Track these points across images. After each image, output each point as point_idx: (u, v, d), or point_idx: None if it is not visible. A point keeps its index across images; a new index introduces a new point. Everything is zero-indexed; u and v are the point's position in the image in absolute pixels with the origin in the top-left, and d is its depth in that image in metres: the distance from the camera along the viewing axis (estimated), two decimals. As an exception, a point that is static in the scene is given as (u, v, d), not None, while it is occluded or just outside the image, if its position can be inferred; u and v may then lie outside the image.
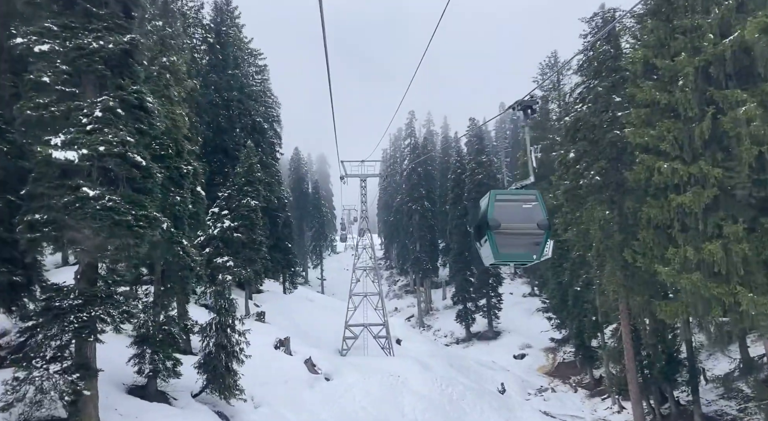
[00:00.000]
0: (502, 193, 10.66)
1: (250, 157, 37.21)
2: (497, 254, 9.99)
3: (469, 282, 62.63)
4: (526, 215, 10.15)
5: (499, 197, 10.39)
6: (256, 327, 32.82)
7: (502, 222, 9.96)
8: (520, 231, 10.09)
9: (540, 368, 47.46)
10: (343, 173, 40.41)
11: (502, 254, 10.03)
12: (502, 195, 10.55)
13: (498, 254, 9.99)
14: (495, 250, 9.96)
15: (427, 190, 75.91)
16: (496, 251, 9.96)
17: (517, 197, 10.50)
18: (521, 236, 10.09)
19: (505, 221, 10.00)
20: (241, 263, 34.80)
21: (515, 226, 10.07)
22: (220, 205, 36.25)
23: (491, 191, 10.56)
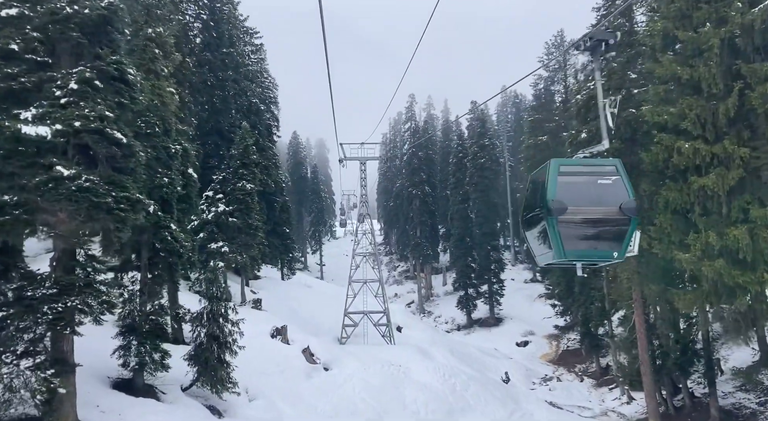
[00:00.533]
0: (568, 163, 7.97)
1: (245, 138, 35.77)
2: (561, 251, 7.40)
3: (471, 268, 61.43)
4: (604, 193, 7.56)
5: (564, 169, 7.73)
6: (253, 315, 31.67)
7: (569, 205, 7.39)
8: (596, 217, 7.54)
9: (543, 356, 46.42)
10: (341, 156, 39.02)
11: (569, 251, 7.43)
12: (569, 166, 7.86)
13: (562, 250, 7.40)
14: (559, 245, 7.38)
15: (428, 174, 74.46)
16: (560, 247, 7.38)
17: (590, 169, 7.82)
18: (597, 224, 7.56)
19: (574, 203, 7.43)
20: (237, 249, 33.56)
21: (588, 210, 7.51)
22: (214, 189, 34.90)
23: (552, 161, 7.87)
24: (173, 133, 20.93)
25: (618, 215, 7.45)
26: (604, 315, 35.97)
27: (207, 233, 33.12)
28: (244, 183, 34.57)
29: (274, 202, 47.34)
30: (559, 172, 7.65)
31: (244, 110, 44.99)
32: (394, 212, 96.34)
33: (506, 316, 59.97)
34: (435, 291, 77.18)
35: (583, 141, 24.68)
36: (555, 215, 7.32)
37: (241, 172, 34.92)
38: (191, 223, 33.57)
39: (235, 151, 35.56)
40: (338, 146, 38.30)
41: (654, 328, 25.76)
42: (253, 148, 36.42)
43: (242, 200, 34.17)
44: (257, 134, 45.63)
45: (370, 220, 39.42)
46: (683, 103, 19.81)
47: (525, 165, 48.29)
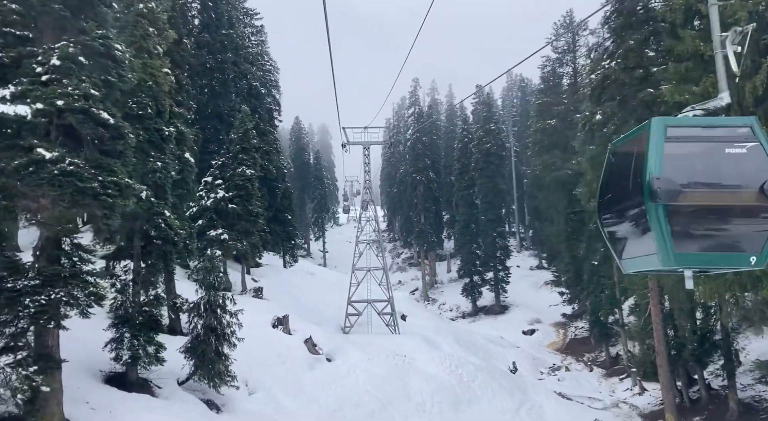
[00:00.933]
0: (678, 123, 5.52)
1: (245, 122, 34.68)
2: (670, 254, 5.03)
3: (476, 255, 60.52)
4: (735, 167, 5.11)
5: (673, 132, 5.24)
6: (254, 304, 30.82)
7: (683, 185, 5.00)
8: (724, 203, 5.10)
9: (551, 345, 45.60)
10: (344, 141, 37.91)
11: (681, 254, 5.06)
12: (680, 127, 5.37)
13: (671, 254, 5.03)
14: (667, 246, 5.00)
15: (432, 160, 73.32)
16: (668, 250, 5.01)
17: (712, 132, 5.29)
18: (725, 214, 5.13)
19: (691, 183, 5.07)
20: (237, 236, 32.62)
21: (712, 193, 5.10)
22: (213, 175, 33.89)
23: (654, 120, 5.37)
24: (167, 115, 19.88)
25: (758, 199, 4.95)
26: (614, 303, 35.05)
27: (206, 220, 32.17)
28: (243, 168, 33.55)
29: (276, 189, 46.31)
30: (665, 136, 5.17)
31: (245, 94, 43.85)
32: (397, 199, 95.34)
33: (512, 303, 59.12)
34: (439, 278, 76.38)
35: (598, 123, 23.55)
36: (663, 201, 4.92)
37: (240, 158, 33.90)
38: (190, 209, 32.66)
39: (235, 136, 34.50)
40: (341, 131, 37.19)
41: (671, 318, 24.77)
42: (253, 133, 35.35)
43: (242, 186, 33.18)
44: (258, 119, 44.54)
45: (374, 206, 38.40)
46: (706, 82, 18.62)
47: (532, 149, 47.16)
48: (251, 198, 33.57)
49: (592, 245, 37.22)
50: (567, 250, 41.66)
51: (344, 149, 38.17)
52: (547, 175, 43.79)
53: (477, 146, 61.71)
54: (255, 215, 33.72)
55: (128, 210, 15.69)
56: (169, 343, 19.63)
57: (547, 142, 44.92)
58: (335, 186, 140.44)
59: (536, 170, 45.07)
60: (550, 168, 43.77)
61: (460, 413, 26.65)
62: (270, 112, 48.87)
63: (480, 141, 61.30)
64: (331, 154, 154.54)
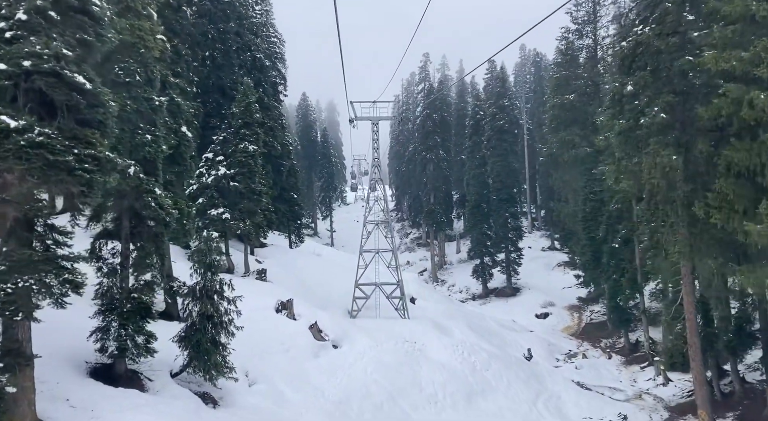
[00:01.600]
0: None
1: (247, 95, 32.85)
2: None
3: (487, 236, 58.76)
4: None
5: None
6: (256, 287, 29.33)
7: None
8: None
9: (565, 329, 44.03)
10: (352, 116, 35.96)
11: None
12: None
13: None
14: None
15: (442, 138, 71.17)
16: None
17: None
18: None
19: None
20: (239, 215, 31.03)
21: None
22: (214, 151, 32.21)
23: None
24: (158, 83, 18.08)
25: None
26: (635, 288, 33.33)
27: (206, 198, 30.58)
28: (246, 144, 31.83)
29: (281, 166, 44.61)
30: None
31: (248, 66, 41.92)
32: (406, 177, 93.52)
33: (524, 286, 57.52)
34: (448, 259, 74.81)
35: (628, 95, 21.55)
36: None
37: (242, 133, 32.15)
38: (190, 187, 31.08)
39: (236, 110, 32.70)
40: (348, 105, 35.24)
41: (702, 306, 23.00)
42: (256, 107, 33.54)
43: (244, 163, 31.48)
44: (262, 92, 42.69)
45: (383, 185, 36.61)
46: (758, 46, 16.62)
47: (549, 126, 45.06)
48: (254, 175, 31.90)
49: (612, 226, 35.40)
50: (584, 231, 39.80)
51: (352, 125, 36.24)
52: (565, 153, 41.79)
53: (489, 123, 59.58)
54: (258, 193, 32.08)
55: (110, 187, 14.06)
56: (164, 330, 18.14)
57: (565, 118, 42.78)
58: (343, 164, 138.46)
59: (553, 148, 43.00)
60: (568, 145, 41.73)
61: (474, 404, 25.20)
62: (275, 86, 46.92)
63: (493, 118, 59.14)
64: (338, 132, 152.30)
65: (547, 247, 71.14)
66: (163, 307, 23.47)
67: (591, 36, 43.80)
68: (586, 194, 39.80)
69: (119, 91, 17.01)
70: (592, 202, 39.12)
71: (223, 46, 39.45)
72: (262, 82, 43.15)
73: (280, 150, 43.39)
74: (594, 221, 38.86)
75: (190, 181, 31.17)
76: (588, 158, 40.01)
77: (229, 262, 31.79)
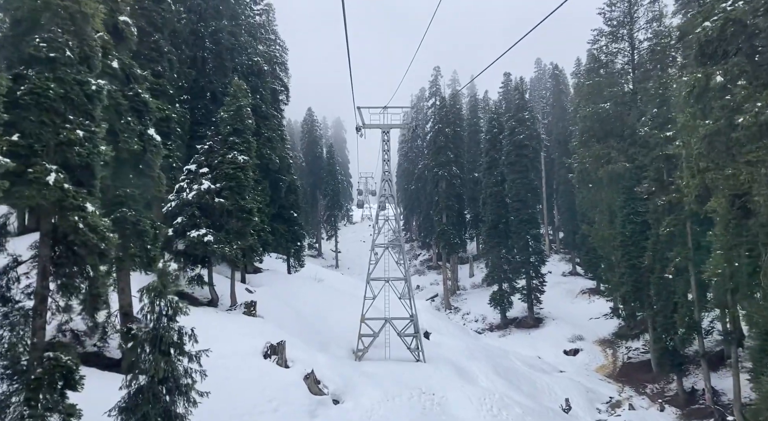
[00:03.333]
0: None
1: (237, 98, 28.28)
2: None
3: (506, 259, 53.69)
4: None
5: None
6: (242, 324, 24.42)
7: None
8: None
9: (600, 369, 38.71)
10: (359, 123, 31.33)
11: None
12: None
13: None
14: None
15: (456, 154, 66.44)
16: None
17: None
18: None
19: None
20: (225, 237, 26.24)
21: None
22: (197, 161, 27.57)
23: None
24: (97, 63, 13.43)
25: None
26: (693, 328, 28.17)
27: (186, 217, 25.83)
28: (235, 154, 27.18)
29: (279, 182, 39.95)
30: None
31: (243, 70, 37.46)
32: (415, 196, 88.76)
33: (547, 316, 52.26)
34: (461, 283, 69.66)
35: (716, 88, 16.69)
36: None
37: (231, 141, 27.54)
38: (168, 204, 26.41)
39: (225, 114, 28.10)
40: (355, 111, 30.60)
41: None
42: (248, 111, 28.94)
43: (232, 176, 26.79)
44: (259, 99, 38.21)
45: (395, 201, 31.76)
46: None
47: (579, 139, 40.15)
48: (244, 190, 27.18)
49: (660, 251, 30.35)
50: (623, 257, 34.72)
51: (359, 134, 31.57)
52: (599, 168, 36.87)
53: (508, 138, 54.87)
54: (248, 212, 27.32)
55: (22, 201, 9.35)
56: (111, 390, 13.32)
57: (599, 130, 37.96)
58: (349, 182, 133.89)
59: (585, 163, 38.08)
60: (603, 160, 36.83)
61: (510, 479, 20.04)
62: (275, 93, 42.44)
63: (512, 132, 54.44)
64: (345, 150, 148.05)
65: (569, 272, 66.00)
66: (118, 355, 18.61)
67: (627, 39, 39.13)
68: (625, 215, 34.81)
69: (42, 67, 12.37)
70: (633, 225, 34.13)
71: (215, 46, 35.07)
72: (259, 88, 38.68)
73: (279, 163, 38.73)
74: (635, 245, 33.87)
75: (168, 198, 26.56)
76: (627, 175, 35.12)
77: (213, 293, 26.95)
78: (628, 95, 37.79)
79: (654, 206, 30.98)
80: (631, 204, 34.53)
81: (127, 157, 18.89)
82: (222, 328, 22.32)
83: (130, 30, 19.76)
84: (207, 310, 24.96)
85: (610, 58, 39.71)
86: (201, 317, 22.72)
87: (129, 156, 18.88)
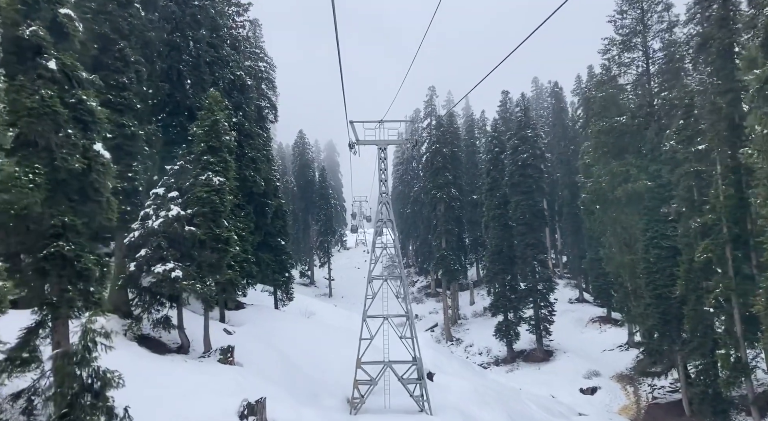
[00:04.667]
0: None
1: (213, 111, 24.79)
2: None
3: (511, 287, 50.04)
4: None
5: None
6: (215, 377, 20.49)
7: None
8: None
9: (623, 411, 34.83)
10: (352, 139, 27.93)
11: None
12: None
13: None
14: None
15: (454, 175, 63.14)
16: None
17: None
18: None
19: None
20: (197, 272, 22.50)
21: None
22: (166, 184, 23.97)
23: None
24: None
25: None
26: (740, 371, 24.50)
27: (152, 249, 22.11)
28: (209, 175, 23.58)
29: (265, 207, 36.36)
30: None
31: (225, 85, 34.08)
32: (411, 219, 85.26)
33: (557, 348, 48.46)
34: (462, 311, 65.78)
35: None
36: None
37: (206, 160, 23.97)
38: (131, 234, 22.72)
39: (199, 130, 24.58)
40: (347, 126, 27.18)
41: None
42: (225, 126, 25.44)
43: (206, 200, 23.16)
44: (242, 116, 34.89)
45: (392, 226, 28.09)
46: None
47: (593, 156, 36.84)
48: (220, 217, 23.54)
49: (695, 282, 26.82)
50: (648, 287, 31.16)
51: (352, 151, 28.10)
52: (616, 187, 33.53)
53: (510, 157, 51.77)
54: (225, 241, 23.62)
55: None
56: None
57: (614, 145, 34.73)
58: (343, 207, 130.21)
59: (601, 181, 34.70)
60: (619, 178, 33.53)
61: None
62: (260, 110, 39.06)
63: (514, 151, 51.37)
64: (338, 174, 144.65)
65: (575, 298, 62.33)
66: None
67: (641, 48, 36.17)
68: (648, 239, 31.35)
69: None
70: (659, 250, 30.66)
71: (193, 58, 31.71)
72: (243, 104, 35.33)
73: (264, 186, 35.17)
74: (661, 273, 30.37)
75: (132, 227, 22.90)
76: (648, 194, 31.79)
77: (183, 337, 23.10)
78: (645, 108, 34.66)
79: (685, 229, 27.56)
80: (655, 227, 31.13)
81: (66, 178, 15.27)
82: (190, 383, 18.51)
83: (74, 25, 16.29)
84: (174, 359, 21.14)
85: (623, 70, 36.68)
86: (165, 370, 18.92)
87: (68, 176, 15.25)
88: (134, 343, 21.40)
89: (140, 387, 16.51)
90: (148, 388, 16.67)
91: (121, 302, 23.52)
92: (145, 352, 20.86)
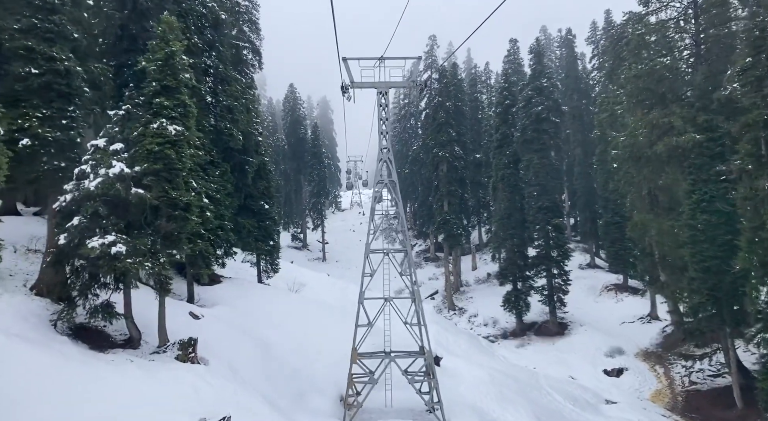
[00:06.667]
0: None
1: (167, 41, 19.37)
2: None
3: (521, 254, 45.49)
4: None
5: None
6: (170, 382, 15.73)
7: None
8: None
9: (655, 397, 30.64)
10: (346, 81, 22.63)
11: None
12: None
13: None
14: None
15: (458, 132, 57.66)
16: None
17: None
18: None
19: None
20: (146, 248, 17.56)
21: None
22: (109, 134, 18.79)
23: None
24: None
25: None
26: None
27: (87, 218, 17.09)
28: (163, 122, 18.41)
29: (245, 165, 31.27)
30: None
31: (194, 19, 28.43)
32: (410, 180, 79.99)
33: (572, 320, 44.23)
34: (464, 278, 61.41)
35: None
36: None
37: (158, 104, 18.72)
38: (61, 198, 17.66)
39: (150, 66, 19.21)
40: (340, 64, 21.79)
41: None
42: (184, 61, 20.06)
43: (159, 155, 18.07)
44: (215, 58, 29.40)
45: (395, 188, 22.99)
46: None
47: (626, 105, 31.61)
48: (177, 177, 18.45)
49: (763, 255, 22.09)
50: (693, 258, 26.46)
51: (345, 96, 22.77)
52: (658, 142, 28.47)
53: (523, 110, 46.36)
54: (185, 208, 18.62)
55: None
56: None
57: (653, 93, 29.49)
58: (337, 167, 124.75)
59: (639, 134, 29.52)
60: (662, 131, 28.47)
61: None
62: (238, 50, 33.41)
63: (527, 103, 45.94)
64: (332, 132, 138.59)
65: (587, 264, 57.79)
66: None
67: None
68: (694, 202, 26.53)
69: None
70: (707, 215, 25.87)
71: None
72: (216, 43, 29.77)
73: (242, 141, 29.98)
74: (710, 242, 25.67)
75: (65, 188, 17.84)
76: (697, 149, 26.82)
77: (132, 328, 18.29)
78: (692, 47, 29.31)
79: (748, 191, 22.69)
80: (704, 188, 26.28)
81: None
82: (128, 396, 13.80)
83: None
84: (117, 358, 16.37)
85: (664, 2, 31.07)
86: (99, 376, 14.17)
87: None
88: (66, 337, 16.63)
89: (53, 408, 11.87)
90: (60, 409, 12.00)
91: (55, 283, 18.65)
92: (78, 350, 16.11)
